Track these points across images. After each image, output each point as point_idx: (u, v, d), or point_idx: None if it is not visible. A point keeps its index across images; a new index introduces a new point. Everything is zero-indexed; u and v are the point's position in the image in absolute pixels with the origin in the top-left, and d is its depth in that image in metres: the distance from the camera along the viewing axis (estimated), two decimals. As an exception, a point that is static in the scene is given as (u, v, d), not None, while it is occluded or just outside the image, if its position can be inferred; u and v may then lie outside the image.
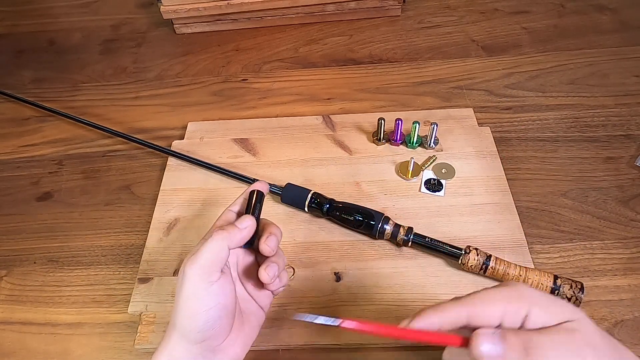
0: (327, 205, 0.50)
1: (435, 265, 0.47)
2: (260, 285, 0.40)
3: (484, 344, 0.26)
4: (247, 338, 0.38)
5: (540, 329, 0.27)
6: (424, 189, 0.53)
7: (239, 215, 0.39)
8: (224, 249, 0.34)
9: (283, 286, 0.40)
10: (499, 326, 0.27)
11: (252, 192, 0.40)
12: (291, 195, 0.52)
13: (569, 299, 0.42)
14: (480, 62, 0.71)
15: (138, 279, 0.48)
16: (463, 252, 0.45)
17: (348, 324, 0.29)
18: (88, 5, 0.93)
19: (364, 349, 0.43)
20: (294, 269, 0.48)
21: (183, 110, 0.69)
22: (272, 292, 0.40)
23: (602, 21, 0.76)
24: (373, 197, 0.53)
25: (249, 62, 0.76)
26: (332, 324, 0.29)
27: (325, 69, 0.73)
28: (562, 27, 0.75)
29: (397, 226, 0.48)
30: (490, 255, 0.44)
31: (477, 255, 0.44)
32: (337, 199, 0.51)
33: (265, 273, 0.37)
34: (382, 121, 0.56)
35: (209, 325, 0.33)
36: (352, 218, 0.49)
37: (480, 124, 0.60)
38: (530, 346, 0.26)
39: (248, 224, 0.36)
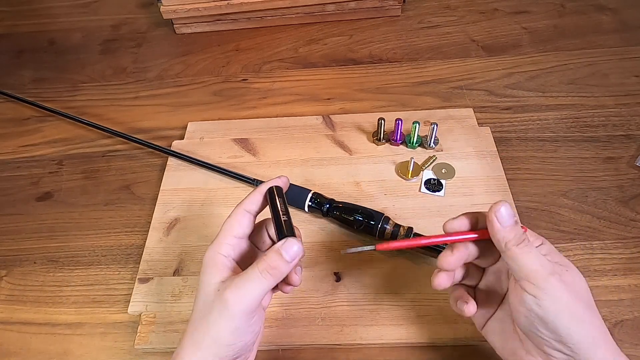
0: (327, 205, 0.50)
1: (435, 265, 0.47)
2: None
3: (505, 207, 0.31)
4: (258, 341, 0.39)
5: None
6: (424, 189, 0.53)
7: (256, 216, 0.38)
8: (271, 285, 0.34)
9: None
10: None
11: (271, 190, 0.37)
12: (291, 195, 0.52)
13: None
14: (480, 62, 0.71)
15: (138, 279, 0.48)
16: (463, 252, 0.45)
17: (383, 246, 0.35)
18: (88, 5, 0.93)
19: (363, 348, 0.43)
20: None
21: (183, 110, 0.69)
22: (285, 292, 0.40)
23: (602, 21, 0.76)
24: (373, 197, 0.53)
25: (249, 62, 0.76)
26: (368, 249, 0.35)
27: (325, 69, 0.73)
28: (562, 27, 0.75)
29: (397, 226, 0.48)
30: (490, 255, 0.44)
31: (477, 255, 0.44)
32: (337, 199, 0.51)
33: (297, 277, 0.38)
34: (382, 121, 0.56)
35: (245, 346, 0.35)
36: (352, 218, 0.49)
37: (480, 124, 0.60)
38: (525, 240, 0.31)
39: (297, 255, 0.34)
